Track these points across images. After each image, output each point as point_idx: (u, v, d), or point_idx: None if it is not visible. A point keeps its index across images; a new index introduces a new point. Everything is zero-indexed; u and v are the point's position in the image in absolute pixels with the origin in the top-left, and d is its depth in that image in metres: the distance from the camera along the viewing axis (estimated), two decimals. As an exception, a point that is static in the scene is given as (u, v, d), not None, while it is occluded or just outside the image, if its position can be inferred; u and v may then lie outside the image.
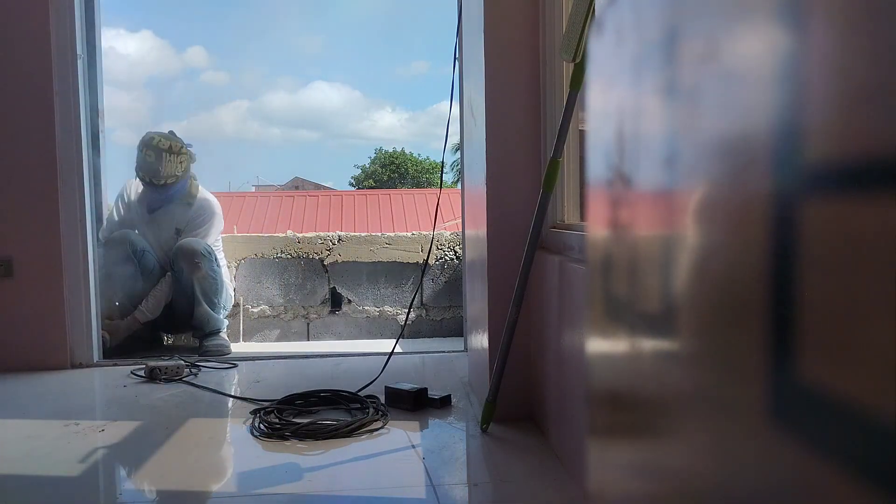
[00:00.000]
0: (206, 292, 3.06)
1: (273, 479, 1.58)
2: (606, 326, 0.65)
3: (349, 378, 2.46)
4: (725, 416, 0.39)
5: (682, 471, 0.47)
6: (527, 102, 1.97)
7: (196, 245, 3.07)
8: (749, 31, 0.37)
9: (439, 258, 3.66)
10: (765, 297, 0.34)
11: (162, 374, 2.51)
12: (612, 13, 0.63)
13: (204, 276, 3.05)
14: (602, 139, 0.65)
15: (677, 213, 0.47)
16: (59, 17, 2.72)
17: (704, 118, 0.43)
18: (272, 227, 11.53)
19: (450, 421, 2.02)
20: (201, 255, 3.05)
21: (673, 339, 0.48)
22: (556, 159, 1.73)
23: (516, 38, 1.96)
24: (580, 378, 1.47)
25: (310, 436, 1.85)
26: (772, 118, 0.34)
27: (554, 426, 1.73)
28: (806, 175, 0.31)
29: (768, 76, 0.34)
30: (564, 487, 1.51)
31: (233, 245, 3.65)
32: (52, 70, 2.70)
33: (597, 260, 0.68)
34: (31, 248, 2.73)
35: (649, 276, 0.52)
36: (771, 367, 0.34)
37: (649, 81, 0.52)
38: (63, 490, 1.57)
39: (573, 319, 1.55)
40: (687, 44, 0.45)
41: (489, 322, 1.98)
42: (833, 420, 0.28)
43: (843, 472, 0.28)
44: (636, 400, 0.56)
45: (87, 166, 2.83)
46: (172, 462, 1.70)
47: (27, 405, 2.26)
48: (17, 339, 2.72)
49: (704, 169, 0.43)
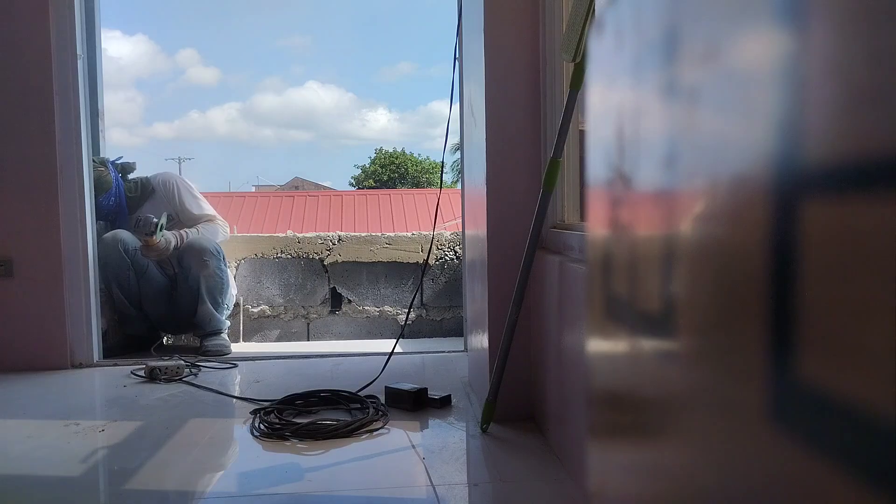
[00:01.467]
0: (210, 290, 3.06)
1: (273, 479, 1.58)
2: (606, 326, 0.65)
3: (349, 378, 2.46)
4: (725, 416, 0.39)
5: (682, 471, 0.47)
6: (527, 102, 1.97)
7: (206, 243, 3.09)
8: (749, 31, 0.37)
9: (439, 258, 3.66)
10: (765, 297, 0.34)
11: (162, 374, 2.51)
12: (612, 13, 0.63)
13: (211, 273, 3.06)
14: (602, 139, 0.65)
15: (677, 213, 0.47)
16: (59, 17, 2.72)
17: (704, 118, 0.43)
18: (272, 227, 11.54)
19: (450, 421, 2.02)
20: (210, 252, 3.06)
21: (673, 339, 0.48)
22: (556, 159, 1.73)
23: (516, 38, 1.96)
24: (580, 378, 1.47)
25: (310, 436, 1.85)
26: (772, 118, 0.34)
27: (554, 426, 1.73)
28: (806, 175, 0.31)
29: (768, 76, 0.34)
30: (564, 487, 1.51)
31: (233, 245, 3.65)
32: (52, 70, 2.70)
33: (597, 260, 0.68)
34: (31, 248, 2.73)
35: (649, 276, 0.52)
36: (771, 367, 0.34)
37: (649, 81, 0.52)
38: (63, 490, 1.57)
39: (573, 319, 1.55)
40: (687, 44, 0.45)
41: (489, 322, 1.98)
42: (833, 420, 0.28)
43: (843, 472, 0.28)
44: (636, 400, 0.56)
45: (87, 166, 2.83)
46: (172, 462, 1.70)
47: (27, 405, 2.26)
48: (17, 339, 2.72)
49: (704, 169, 0.43)
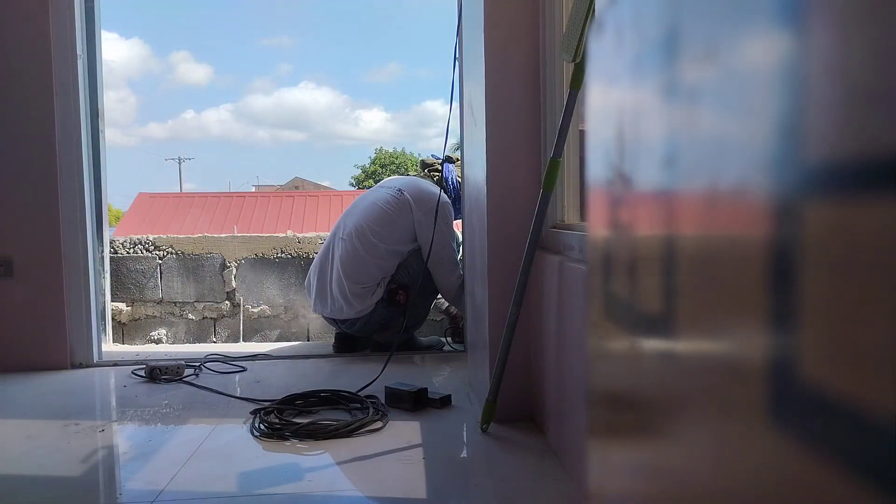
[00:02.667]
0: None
1: (273, 479, 1.58)
2: (606, 326, 0.65)
3: (349, 378, 2.46)
4: (725, 416, 0.39)
5: (682, 471, 0.47)
6: (527, 102, 1.97)
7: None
8: (749, 30, 0.37)
9: (439, 258, 3.65)
10: (765, 297, 0.34)
11: (162, 374, 2.51)
12: (612, 13, 0.63)
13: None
14: (602, 139, 0.65)
15: (677, 213, 0.47)
16: (59, 17, 2.72)
17: (704, 118, 0.43)
18: (272, 227, 11.54)
19: (450, 421, 2.02)
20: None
21: (673, 339, 0.48)
22: (556, 159, 1.72)
23: (516, 38, 1.96)
24: (580, 378, 1.47)
25: (310, 436, 1.85)
26: (772, 118, 0.34)
27: (554, 426, 1.73)
28: (806, 175, 0.31)
29: (768, 76, 0.34)
30: (564, 487, 1.51)
31: (233, 245, 3.65)
32: (52, 70, 2.71)
33: (597, 260, 0.68)
34: (31, 248, 2.73)
35: (649, 276, 0.52)
36: (771, 367, 0.34)
37: (649, 81, 0.52)
38: (63, 490, 1.57)
39: (573, 319, 1.55)
40: (687, 44, 0.45)
41: (489, 322, 1.98)
42: (833, 420, 0.28)
43: (843, 472, 0.28)
44: (636, 400, 0.56)
45: (87, 166, 2.84)
46: (172, 462, 1.70)
47: (27, 405, 2.26)
48: (17, 339, 2.72)
49: (704, 169, 0.43)
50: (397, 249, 2.91)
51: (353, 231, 2.91)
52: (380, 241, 2.88)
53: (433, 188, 2.98)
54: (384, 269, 2.89)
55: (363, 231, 2.90)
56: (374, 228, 2.89)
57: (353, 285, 2.87)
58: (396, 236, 2.90)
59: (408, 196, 2.94)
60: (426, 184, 3.05)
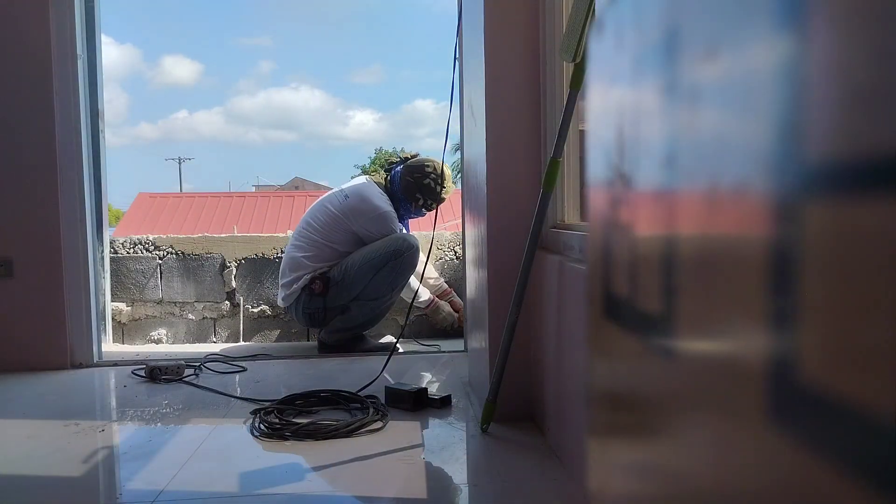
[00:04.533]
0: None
1: (273, 479, 1.58)
2: (606, 326, 0.65)
3: (349, 378, 2.46)
4: (725, 416, 0.39)
5: (682, 471, 0.47)
6: (527, 102, 1.97)
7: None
8: (749, 31, 0.37)
9: (439, 258, 3.65)
10: (765, 297, 0.34)
11: (162, 374, 2.51)
12: (612, 13, 0.63)
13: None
14: (602, 139, 0.65)
15: (677, 213, 0.47)
16: (59, 17, 2.72)
17: (704, 118, 0.43)
18: (272, 227, 11.53)
19: (450, 421, 2.02)
20: None
21: (673, 339, 0.48)
22: (556, 159, 1.73)
23: (516, 38, 1.96)
24: (580, 378, 1.47)
25: (310, 436, 1.85)
26: (772, 118, 0.34)
27: (554, 426, 1.73)
28: (806, 175, 0.31)
29: (768, 76, 0.34)
30: (564, 487, 1.51)
31: (233, 245, 3.65)
32: (52, 70, 2.71)
33: (597, 260, 0.68)
34: (31, 248, 2.73)
35: (649, 276, 0.52)
36: (771, 368, 0.34)
37: (649, 81, 0.52)
38: (63, 490, 1.57)
39: (573, 319, 1.55)
40: (687, 44, 0.45)
41: (489, 322, 1.98)
42: (833, 420, 0.28)
43: (843, 472, 0.28)
44: (636, 400, 0.56)
45: (87, 166, 2.83)
46: (172, 462, 1.70)
47: (27, 405, 2.26)
48: (17, 339, 2.72)
49: (704, 169, 0.43)
50: (336, 248, 3.08)
51: (300, 224, 3.18)
52: (318, 235, 3.09)
53: (375, 199, 3.12)
54: (318, 260, 3.07)
55: (306, 224, 3.14)
56: (314, 225, 3.13)
57: (289, 273, 3.10)
58: (336, 237, 3.08)
59: (350, 202, 3.13)
60: (371, 192, 3.16)
